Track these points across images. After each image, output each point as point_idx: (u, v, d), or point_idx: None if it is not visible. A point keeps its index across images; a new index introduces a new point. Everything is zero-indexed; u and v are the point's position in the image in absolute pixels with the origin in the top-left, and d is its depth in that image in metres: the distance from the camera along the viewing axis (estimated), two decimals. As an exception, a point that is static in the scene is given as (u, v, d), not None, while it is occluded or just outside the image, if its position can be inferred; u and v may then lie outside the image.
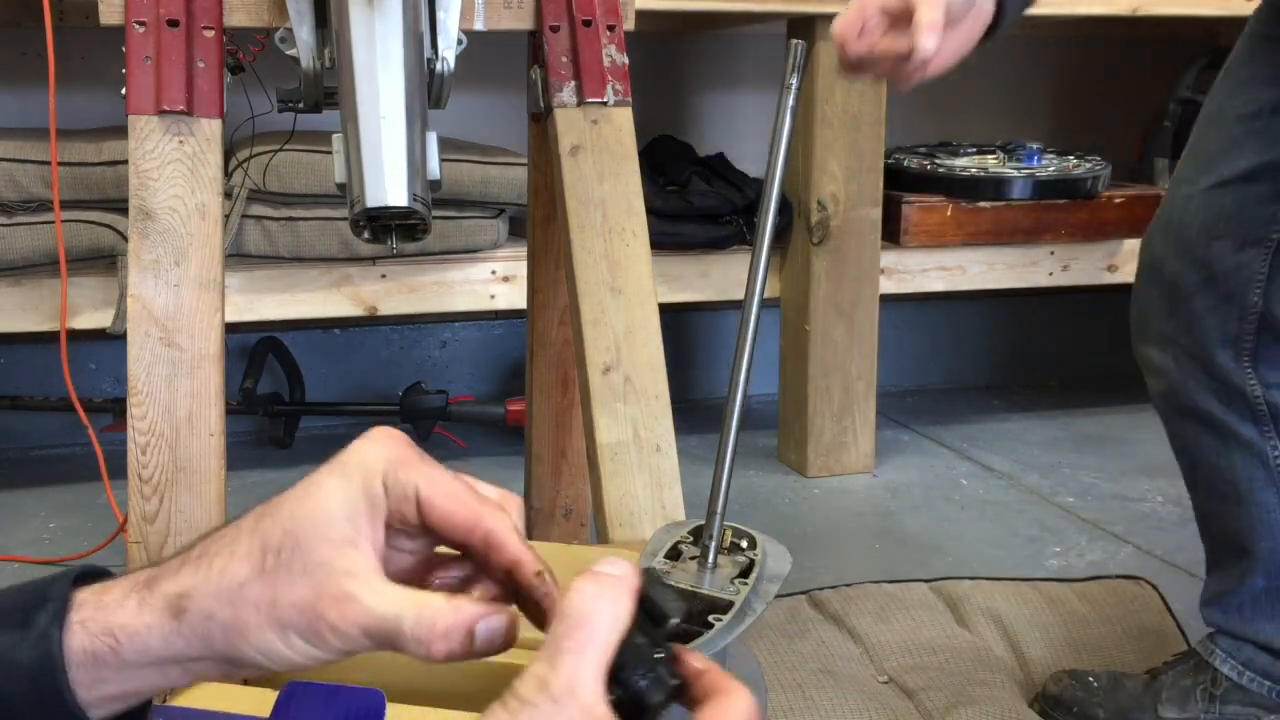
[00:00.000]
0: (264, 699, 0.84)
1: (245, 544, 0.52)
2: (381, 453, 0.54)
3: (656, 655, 0.53)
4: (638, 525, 1.35)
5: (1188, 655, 1.40)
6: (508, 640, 0.53)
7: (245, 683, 0.98)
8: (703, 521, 0.95)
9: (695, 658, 0.55)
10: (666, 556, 0.94)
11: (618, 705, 0.51)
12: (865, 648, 1.57)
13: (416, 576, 0.57)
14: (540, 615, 0.56)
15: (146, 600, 0.52)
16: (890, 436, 2.53)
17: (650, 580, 0.54)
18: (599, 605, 0.50)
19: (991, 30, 1.11)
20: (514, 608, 0.55)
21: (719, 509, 0.94)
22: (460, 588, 0.57)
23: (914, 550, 1.96)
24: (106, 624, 0.52)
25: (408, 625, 0.51)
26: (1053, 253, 2.41)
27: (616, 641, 0.50)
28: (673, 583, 0.90)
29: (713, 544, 0.94)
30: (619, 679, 0.51)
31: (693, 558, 0.94)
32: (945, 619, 1.63)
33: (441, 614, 0.52)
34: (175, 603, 0.52)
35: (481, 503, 0.55)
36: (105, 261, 1.96)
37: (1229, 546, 1.35)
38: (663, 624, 0.54)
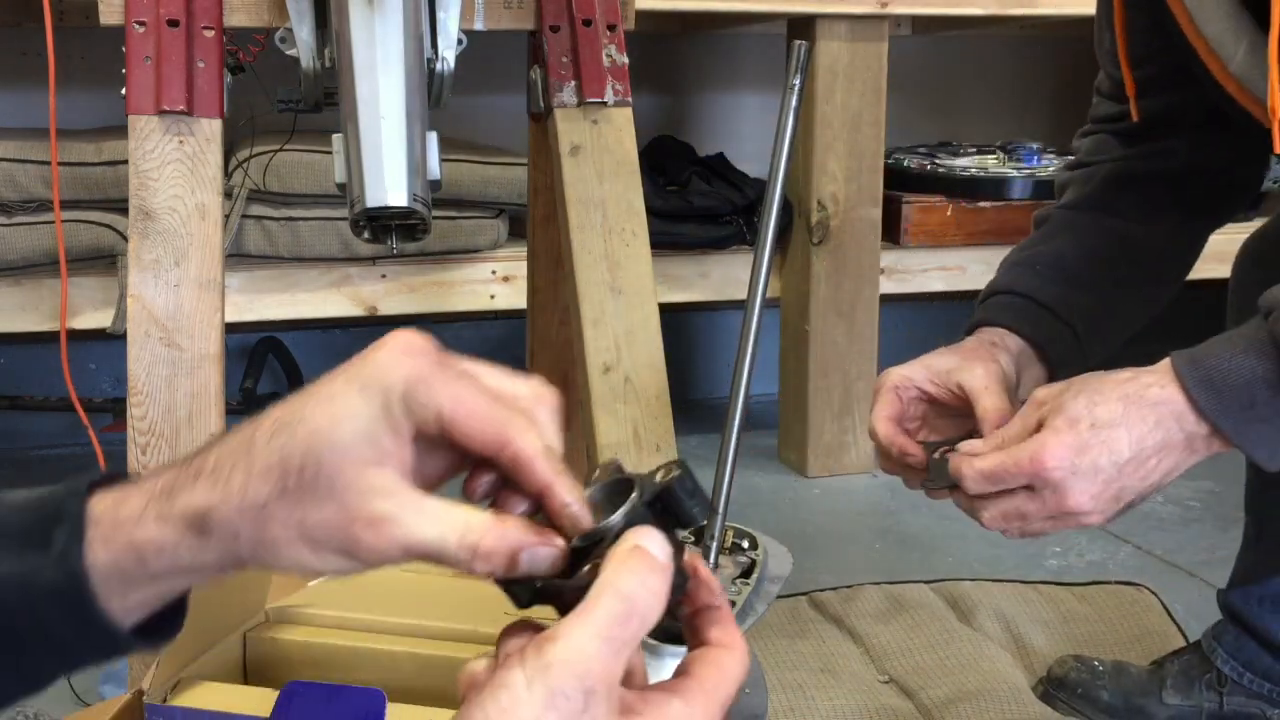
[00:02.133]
0: (264, 699, 0.84)
1: (262, 460, 0.50)
2: (400, 369, 0.50)
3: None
4: (638, 525, 1.35)
5: (1193, 647, 1.40)
6: (554, 569, 0.51)
7: (246, 683, 0.98)
8: (704, 522, 0.95)
9: (708, 584, 0.53)
10: (667, 556, 0.94)
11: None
12: (866, 648, 1.56)
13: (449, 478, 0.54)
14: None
15: (166, 515, 0.51)
16: (890, 436, 2.53)
17: (684, 478, 0.52)
18: (654, 603, 0.48)
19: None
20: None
21: (720, 509, 0.94)
22: (497, 497, 0.54)
23: (915, 550, 1.96)
24: (129, 540, 0.51)
25: (452, 546, 0.49)
26: (1053, 253, 2.41)
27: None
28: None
29: (714, 544, 0.94)
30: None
31: (693, 558, 0.94)
32: (946, 618, 1.63)
33: (486, 536, 0.50)
34: (197, 520, 0.50)
35: (508, 420, 0.51)
36: (105, 261, 1.96)
37: (1272, 541, 1.33)
38: (683, 526, 0.52)
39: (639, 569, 0.48)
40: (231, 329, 1.50)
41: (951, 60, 2.86)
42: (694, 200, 2.24)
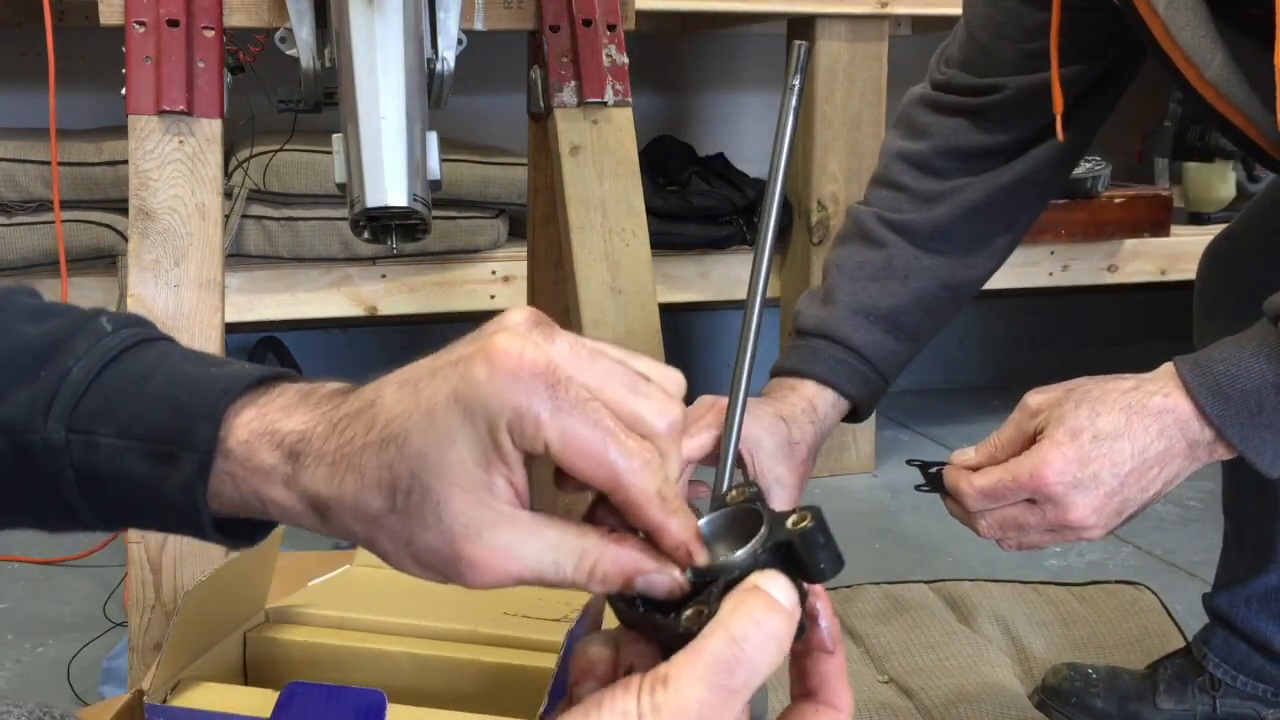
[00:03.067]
0: (264, 699, 0.84)
1: (373, 473, 0.48)
2: (506, 398, 0.46)
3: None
4: (638, 525, 1.35)
5: (1185, 651, 1.41)
6: (671, 594, 0.49)
7: (246, 683, 0.98)
8: (831, 578, 0.95)
9: (827, 629, 0.50)
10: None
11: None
12: (866, 648, 1.56)
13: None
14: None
15: (292, 484, 0.50)
16: (890, 436, 2.53)
17: (816, 531, 0.48)
18: (768, 649, 0.45)
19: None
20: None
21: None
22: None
23: (914, 550, 1.96)
24: (257, 492, 0.51)
25: (569, 572, 0.48)
26: (1053, 253, 2.41)
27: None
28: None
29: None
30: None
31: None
32: (946, 619, 1.63)
33: (603, 561, 0.48)
34: (317, 506, 0.50)
35: (620, 460, 0.47)
36: (105, 261, 1.96)
37: (1252, 541, 1.33)
38: (809, 581, 0.49)
39: (755, 611, 0.45)
40: (231, 329, 1.50)
41: (951, 60, 2.86)
42: (694, 200, 2.24)
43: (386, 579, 1.09)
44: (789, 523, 0.49)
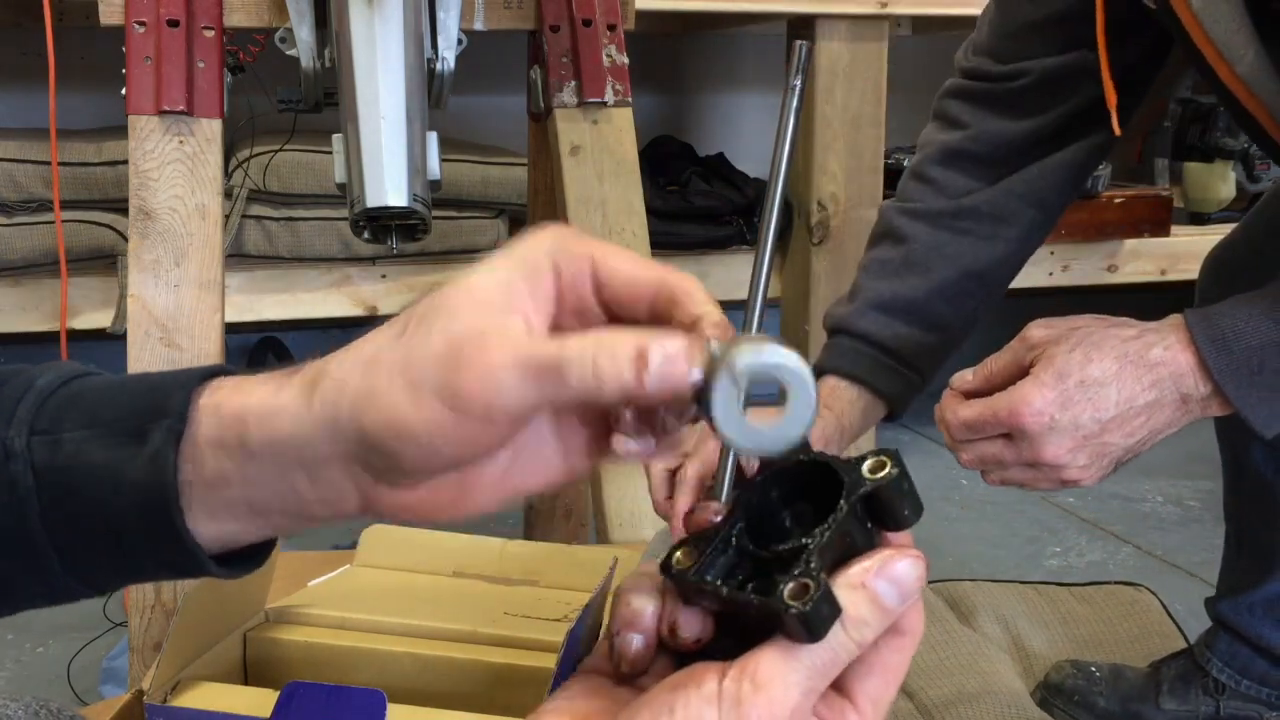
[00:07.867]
0: (264, 699, 0.84)
1: (391, 324, 0.48)
2: (547, 238, 0.48)
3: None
4: (638, 526, 1.35)
5: (1188, 651, 1.40)
6: (686, 367, 0.44)
7: (246, 683, 0.98)
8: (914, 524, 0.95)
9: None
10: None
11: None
12: (865, 648, 1.56)
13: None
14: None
15: (285, 385, 0.49)
16: (890, 437, 2.53)
17: (900, 477, 0.45)
18: (862, 648, 0.44)
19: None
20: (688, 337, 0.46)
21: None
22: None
23: (914, 550, 1.96)
24: (238, 408, 0.49)
25: (572, 364, 0.44)
26: (1053, 253, 2.41)
27: None
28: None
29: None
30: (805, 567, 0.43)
31: (693, 558, 0.94)
32: (947, 619, 1.63)
33: (604, 343, 0.44)
34: (312, 378, 0.48)
35: (663, 267, 0.47)
36: (105, 261, 1.96)
37: (1255, 549, 1.33)
38: (893, 529, 0.46)
39: (863, 615, 0.44)
40: (231, 329, 1.50)
41: (951, 60, 2.86)
42: (694, 200, 2.24)
43: (386, 579, 1.09)
44: (866, 469, 0.46)
